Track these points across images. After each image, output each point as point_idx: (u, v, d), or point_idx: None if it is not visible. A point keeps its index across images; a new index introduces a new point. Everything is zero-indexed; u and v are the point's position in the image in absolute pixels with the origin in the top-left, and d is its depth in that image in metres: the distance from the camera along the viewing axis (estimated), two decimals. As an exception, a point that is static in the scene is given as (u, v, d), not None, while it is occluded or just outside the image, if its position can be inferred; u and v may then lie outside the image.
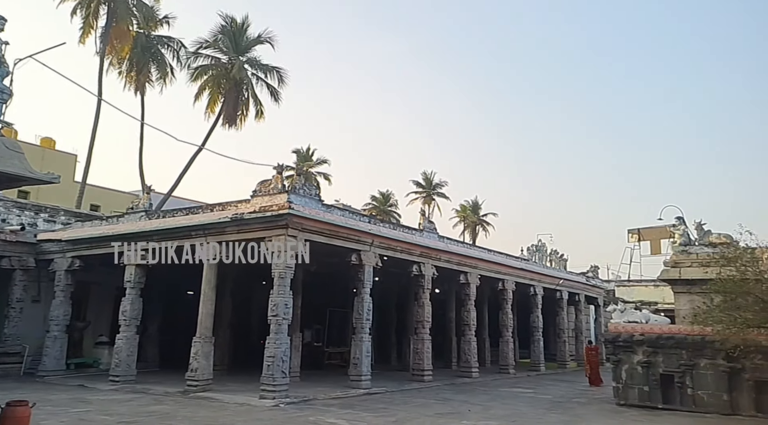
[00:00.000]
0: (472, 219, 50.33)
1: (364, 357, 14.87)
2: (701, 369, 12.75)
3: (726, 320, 11.11)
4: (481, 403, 13.32)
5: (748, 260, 11.21)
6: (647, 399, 13.26)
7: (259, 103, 24.90)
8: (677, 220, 17.62)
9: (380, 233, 15.95)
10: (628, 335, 13.93)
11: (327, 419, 10.42)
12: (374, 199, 45.49)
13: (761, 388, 12.06)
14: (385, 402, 13.06)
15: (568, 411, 12.61)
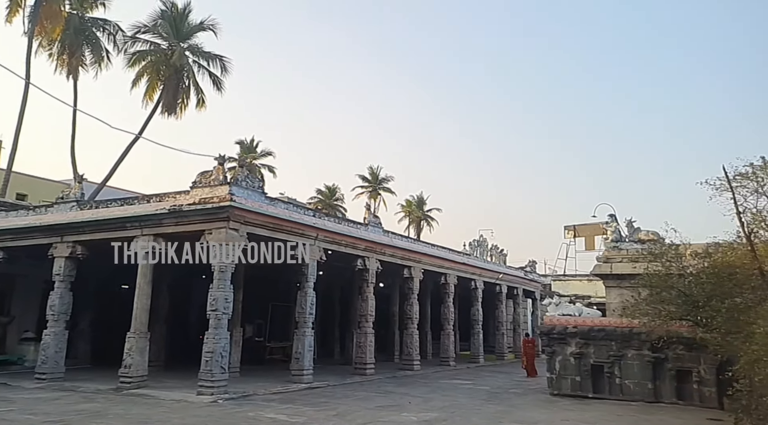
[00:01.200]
0: (417, 214, 50.84)
1: (307, 351, 14.79)
2: (629, 360, 13.43)
3: (652, 313, 11.76)
4: (422, 395, 13.53)
5: (672, 256, 11.87)
6: (579, 389, 13.85)
7: (200, 92, 24.14)
8: (610, 218, 18.45)
9: (325, 227, 15.87)
10: (562, 327, 14.48)
11: (266, 414, 10.31)
12: (320, 193, 45.14)
13: (682, 377, 12.84)
14: (326, 396, 13.05)
15: (504, 401, 13.00)
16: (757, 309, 8.79)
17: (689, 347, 12.40)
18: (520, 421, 10.27)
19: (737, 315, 9.34)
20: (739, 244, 10.08)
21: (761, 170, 9.56)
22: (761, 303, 8.96)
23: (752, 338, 8.24)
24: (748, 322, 8.67)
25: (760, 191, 9.61)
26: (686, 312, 11.09)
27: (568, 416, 10.87)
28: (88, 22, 23.91)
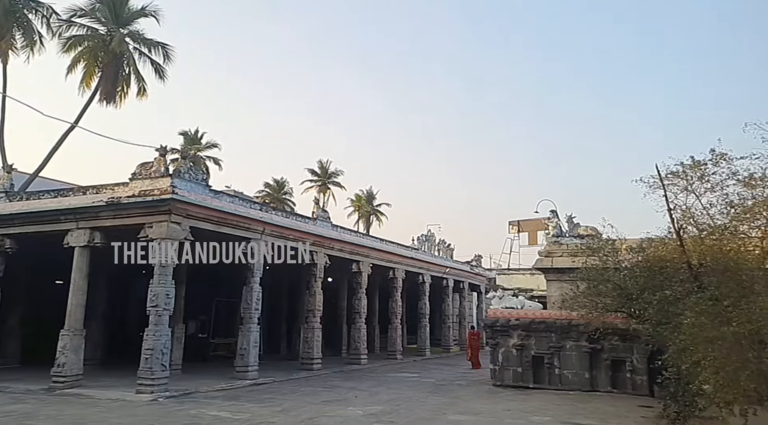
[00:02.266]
0: (367, 209, 50.85)
1: (252, 347, 14.58)
2: (567, 351, 13.95)
3: (589, 305, 12.20)
4: (368, 389, 13.60)
5: (609, 251, 12.33)
6: (520, 380, 14.27)
7: (141, 80, 23.14)
8: (551, 213, 19.07)
9: (272, 221, 15.66)
10: (505, 320, 14.86)
11: (209, 412, 10.10)
12: (268, 187, 44.38)
13: (616, 367, 13.44)
14: (272, 392, 12.91)
15: (449, 393, 13.24)
16: (685, 301, 9.23)
17: (623, 338, 12.99)
18: (464, 412, 10.48)
19: (667, 307, 9.79)
20: (670, 240, 10.55)
21: (691, 169, 10.05)
22: (689, 296, 9.42)
23: (680, 328, 8.67)
24: (677, 314, 9.12)
25: (689, 189, 10.11)
26: (621, 305, 11.54)
27: (510, 406, 11.18)
28: (19, 3, 22.51)
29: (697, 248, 9.94)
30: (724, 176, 9.78)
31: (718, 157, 9.80)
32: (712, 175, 9.89)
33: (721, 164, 9.80)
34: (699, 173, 9.96)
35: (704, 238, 9.96)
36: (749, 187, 9.56)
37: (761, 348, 8.02)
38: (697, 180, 10.01)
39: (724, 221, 9.88)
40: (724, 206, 9.88)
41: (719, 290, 8.84)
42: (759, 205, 9.55)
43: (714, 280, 9.22)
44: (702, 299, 8.82)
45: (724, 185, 9.81)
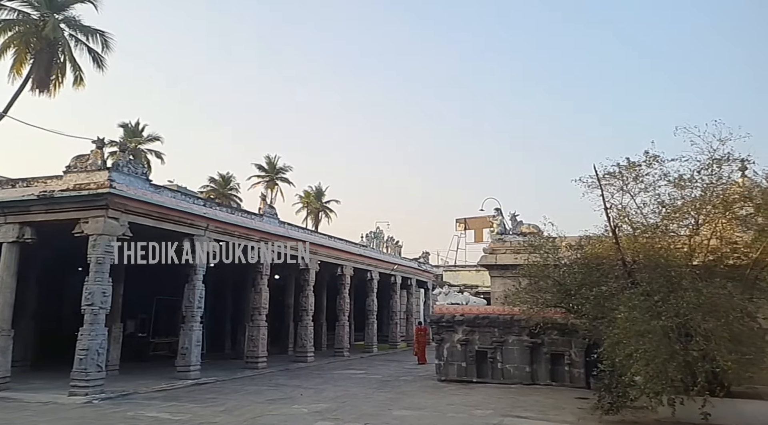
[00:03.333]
0: (316, 205, 50.47)
1: (194, 346, 14.22)
2: (509, 345, 14.31)
3: (530, 301, 12.54)
4: (314, 386, 13.52)
5: (549, 248, 12.72)
6: (464, 374, 14.54)
7: (78, 69, 22.06)
8: (496, 211, 19.49)
9: (216, 217, 15.31)
10: (451, 316, 15.11)
11: (147, 413, 9.77)
12: (213, 182, 43.27)
13: (556, 360, 13.91)
14: (214, 391, 12.63)
15: (394, 389, 13.33)
16: (619, 297, 9.66)
17: (562, 332, 13.44)
18: (408, 407, 10.58)
19: (603, 302, 10.18)
20: (606, 237, 10.98)
21: (626, 170, 10.50)
22: (623, 291, 9.86)
23: (614, 323, 9.06)
24: (612, 308, 9.52)
25: (625, 189, 10.57)
26: (560, 300, 11.93)
27: (453, 400, 11.37)
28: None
29: (631, 246, 10.40)
30: (657, 177, 10.31)
31: (652, 158, 10.30)
32: (645, 175, 10.38)
33: (654, 165, 10.31)
34: (634, 174, 10.42)
35: (638, 236, 10.44)
36: (679, 187, 10.10)
37: (687, 341, 8.50)
38: (632, 180, 10.47)
39: (656, 220, 10.39)
40: (656, 206, 10.40)
41: (650, 286, 9.30)
42: (687, 205, 10.11)
43: (646, 276, 9.69)
44: (635, 294, 9.26)
45: (657, 186, 10.34)
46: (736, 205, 10.03)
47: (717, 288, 8.65)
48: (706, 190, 9.79)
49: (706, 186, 9.80)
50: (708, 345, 8.13)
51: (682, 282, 8.88)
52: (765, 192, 9.97)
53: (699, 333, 8.26)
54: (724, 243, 10.14)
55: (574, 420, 9.40)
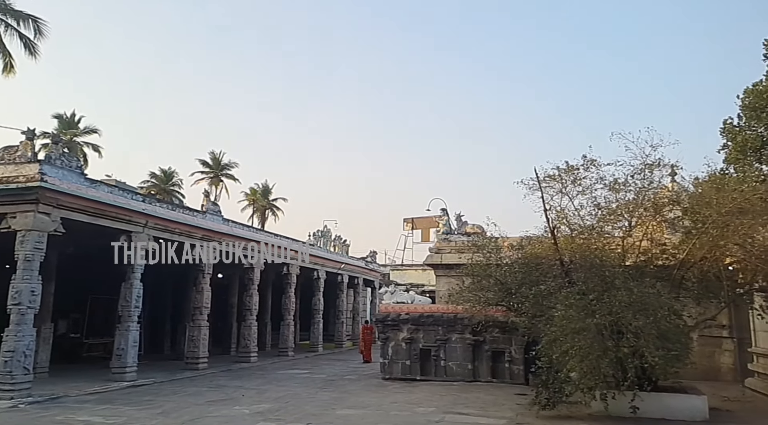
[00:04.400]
0: (262, 203, 49.63)
1: (130, 347, 13.70)
2: (453, 343, 14.55)
3: (473, 299, 12.79)
4: (257, 387, 13.30)
5: (492, 248, 13.02)
6: (408, 372, 14.68)
7: (8, 55, 20.76)
8: (442, 212, 19.83)
9: (156, 213, 14.81)
10: (396, 315, 15.22)
11: (78, 417, 9.35)
12: (154, 177, 41.78)
13: (496, 357, 14.25)
14: (152, 393, 12.21)
15: (339, 388, 13.29)
16: (557, 295, 10.00)
17: (503, 330, 13.80)
18: (352, 406, 10.57)
19: (541, 301, 10.52)
20: (546, 238, 11.34)
21: (565, 173, 10.87)
22: (560, 290, 10.20)
23: (552, 321, 9.38)
24: (549, 307, 9.85)
25: (564, 192, 10.94)
26: (501, 299, 12.23)
27: (397, 398, 11.45)
28: None
29: (568, 246, 10.78)
30: (594, 180, 10.73)
31: (589, 162, 10.71)
32: (583, 179, 10.78)
33: (591, 169, 10.72)
34: (572, 177, 10.80)
35: (575, 237, 10.84)
36: (614, 191, 10.56)
37: (619, 338, 8.88)
38: (570, 183, 10.85)
39: (593, 222, 10.83)
40: (593, 208, 10.84)
41: (586, 285, 9.67)
42: (621, 208, 10.58)
43: (582, 276, 10.09)
44: (571, 293, 9.61)
45: (594, 189, 10.77)
46: (666, 209, 10.60)
47: (647, 287, 9.10)
48: (638, 193, 10.28)
49: (638, 190, 10.29)
50: (638, 342, 8.53)
51: (615, 282, 9.27)
52: (692, 196, 10.58)
53: (630, 330, 8.65)
54: (654, 245, 10.68)
55: (513, 415, 9.65)
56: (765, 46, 16.24)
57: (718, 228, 9.31)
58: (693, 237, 9.89)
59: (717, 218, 9.29)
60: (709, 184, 10.20)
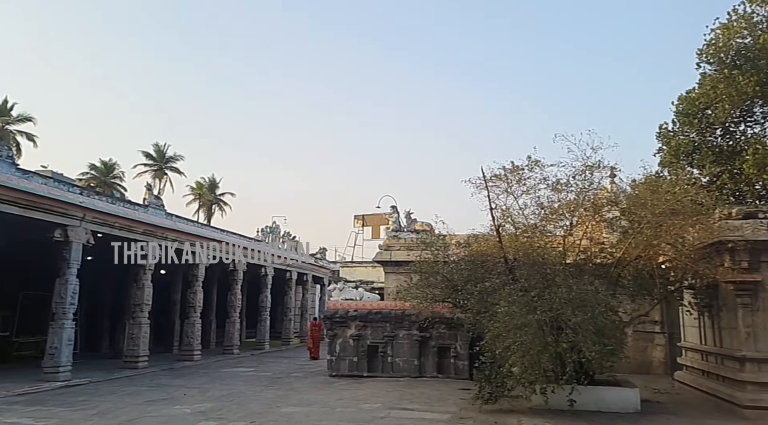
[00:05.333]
0: (209, 197, 48.48)
1: (65, 346, 13.11)
2: (400, 339, 14.66)
3: (421, 296, 12.94)
4: (200, 386, 12.99)
5: (440, 245, 13.20)
6: (355, 369, 14.68)
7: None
8: (392, 209, 19.92)
9: (94, 207, 14.22)
10: (344, 311, 15.19)
11: (6, 419, 8.86)
12: (94, 169, 40.05)
13: (442, 353, 14.46)
14: (87, 394, 11.72)
15: (284, 385, 13.15)
16: (501, 292, 10.24)
17: (449, 326, 14.00)
18: (297, 404, 10.48)
19: (486, 297, 10.75)
20: (491, 236, 11.55)
21: (511, 173, 11.11)
22: (504, 287, 10.46)
23: (496, 317, 9.59)
24: (493, 303, 10.06)
25: (509, 191, 11.17)
26: (448, 295, 12.42)
27: (343, 395, 11.43)
28: None
29: (512, 244, 11.05)
30: (538, 180, 11.01)
31: (533, 163, 10.99)
32: (527, 179, 11.04)
33: (535, 170, 11.00)
34: (517, 177, 11.05)
35: (519, 236, 11.12)
36: (556, 191, 10.88)
37: (558, 333, 9.17)
38: (515, 183, 11.09)
39: (536, 221, 11.12)
40: (536, 207, 11.13)
41: (528, 282, 9.94)
42: (563, 207, 10.92)
43: (525, 273, 10.35)
44: (514, 290, 9.86)
45: (537, 189, 11.05)
46: (605, 209, 11.01)
47: (585, 284, 9.44)
48: (579, 194, 10.62)
49: (579, 190, 10.64)
50: (576, 338, 8.83)
51: (556, 279, 9.57)
52: (629, 198, 11.04)
53: (569, 326, 8.95)
54: (593, 244, 11.09)
55: (456, 410, 9.81)
56: (698, 55, 17.11)
57: (652, 228, 9.74)
58: (629, 237, 10.33)
59: (651, 218, 9.73)
60: (645, 186, 10.67)
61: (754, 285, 9.86)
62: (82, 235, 13.65)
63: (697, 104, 16.14)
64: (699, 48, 17.04)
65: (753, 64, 15.60)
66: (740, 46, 16.07)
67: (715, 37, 16.58)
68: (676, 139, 16.72)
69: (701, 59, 16.90)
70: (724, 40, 16.31)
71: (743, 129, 16.84)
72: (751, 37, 16.08)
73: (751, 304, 9.86)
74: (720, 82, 15.62)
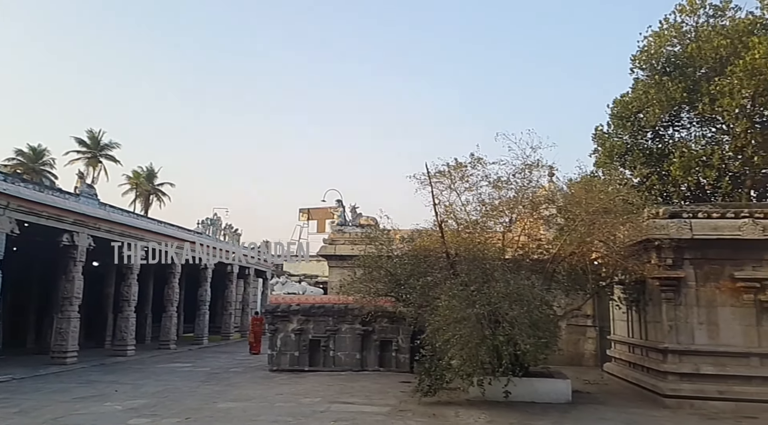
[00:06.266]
0: (146, 187, 46.77)
1: (-16, 341, 12.32)
2: (342, 333, 14.65)
3: (364, 290, 12.96)
4: (132, 382, 12.53)
5: (384, 240, 13.26)
6: (297, 363, 14.57)
7: None
8: (337, 203, 19.84)
9: (20, 194, 13.42)
10: (286, 305, 15.02)
11: None
12: (21, 155, 37.76)
13: (384, 346, 14.56)
14: (9, 391, 11.08)
15: (222, 381, 12.88)
16: (442, 286, 10.40)
17: (392, 320, 14.11)
18: (235, 399, 10.29)
19: (428, 291, 10.89)
20: (434, 231, 11.70)
21: (454, 170, 11.29)
22: (445, 281, 10.63)
23: (437, 310, 9.74)
24: (435, 297, 10.21)
25: (452, 188, 11.36)
26: (391, 289, 12.50)
27: (283, 390, 11.32)
28: None
29: (454, 239, 11.24)
30: (480, 178, 11.24)
31: (476, 160, 11.21)
32: (470, 176, 11.26)
33: (478, 167, 11.22)
34: (460, 174, 11.25)
35: (461, 231, 11.32)
36: (497, 188, 11.15)
37: (496, 327, 9.42)
38: (458, 180, 11.28)
39: (477, 217, 11.36)
40: (478, 204, 11.37)
41: (469, 277, 10.14)
42: (503, 204, 11.20)
43: (465, 268, 10.55)
44: (455, 284, 10.03)
45: (479, 186, 11.29)
46: (542, 206, 11.37)
47: (523, 279, 9.74)
48: (519, 191, 10.93)
49: (519, 188, 10.94)
50: (512, 331, 9.08)
51: (495, 274, 9.81)
52: (565, 196, 11.45)
53: (506, 319, 9.19)
54: (531, 240, 11.44)
55: (396, 403, 9.90)
56: (632, 61, 17.93)
57: (586, 226, 10.15)
58: (564, 234, 10.72)
59: (585, 217, 10.14)
60: (580, 185, 11.10)
61: (677, 281, 10.46)
62: (6, 224, 12.88)
63: (630, 108, 16.95)
64: (633, 54, 17.86)
65: (681, 71, 16.52)
66: (670, 54, 16.98)
67: (647, 45, 17.44)
68: (611, 140, 17.48)
69: (635, 65, 17.76)
70: (656, 47, 17.18)
71: (671, 133, 17.81)
72: (680, 46, 17.01)
73: (674, 299, 10.46)
74: (651, 87, 16.46)
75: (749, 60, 14.44)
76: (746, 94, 15.09)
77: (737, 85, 14.79)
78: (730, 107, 15.11)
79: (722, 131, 16.86)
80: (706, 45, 15.88)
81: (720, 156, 15.71)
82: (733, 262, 10.40)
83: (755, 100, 15.30)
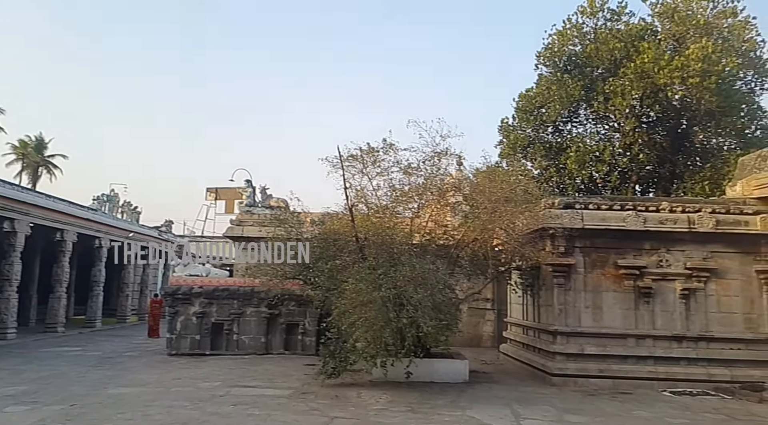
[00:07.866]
0: (35, 158, 42.91)
1: None
2: (247, 317, 14.35)
3: (271, 273, 12.76)
4: (12, 367, 11.57)
5: (294, 222, 13.07)
6: (197, 347, 14.10)
7: None
8: (246, 183, 19.29)
9: None
10: (188, 288, 14.45)
11: None
12: None
13: (290, 330, 14.45)
14: None
15: (116, 365, 12.21)
16: (350, 270, 10.45)
17: (299, 303, 14.03)
18: (128, 384, 9.80)
19: (336, 275, 10.91)
20: (344, 215, 11.70)
21: (367, 154, 11.32)
22: (354, 265, 10.69)
23: (344, 294, 9.79)
24: (343, 281, 10.25)
25: (364, 172, 11.37)
26: (299, 272, 12.39)
27: (181, 374, 10.92)
28: None
29: (364, 224, 11.29)
30: (391, 163, 11.34)
31: (388, 146, 11.29)
32: (382, 161, 11.33)
33: (390, 153, 11.32)
34: (373, 158, 11.29)
35: (371, 216, 11.40)
36: (407, 174, 11.32)
37: (400, 309, 9.62)
38: (370, 164, 11.32)
39: (388, 202, 11.49)
40: (389, 189, 11.49)
41: (376, 260, 10.25)
42: (413, 190, 11.40)
43: (373, 252, 10.66)
44: (362, 268, 10.11)
45: (390, 171, 11.40)
46: (449, 194, 11.71)
47: (428, 264, 10.00)
48: (428, 178, 11.16)
49: (428, 175, 11.17)
50: (416, 313, 9.31)
51: (402, 258, 9.99)
52: (471, 185, 11.85)
53: (410, 302, 9.39)
54: (437, 226, 11.76)
55: (299, 386, 9.88)
56: (536, 57, 18.82)
57: (488, 213, 10.57)
58: (468, 221, 11.12)
59: (488, 205, 10.56)
60: (485, 174, 11.53)
61: (568, 268, 11.22)
62: None
63: (534, 102, 17.83)
64: (538, 50, 18.74)
65: (581, 70, 17.60)
66: (571, 53, 18.01)
67: (551, 42, 18.38)
68: (515, 133, 18.31)
69: (539, 61, 18.67)
70: (559, 45, 18.15)
71: (570, 128, 18.97)
72: (581, 46, 18.08)
73: (564, 284, 11.22)
74: (553, 83, 17.40)
75: (639, 63, 15.64)
76: (635, 95, 16.36)
77: (628, 87, 15.99)
78: (621, 107, 16.32)
79: (614, 129, 18.20)
80: (603, 46, 17.01)
81: (611, 152, 16.96)
82: (618, 251, 11.31)
83: (643, 101, 16.63)
